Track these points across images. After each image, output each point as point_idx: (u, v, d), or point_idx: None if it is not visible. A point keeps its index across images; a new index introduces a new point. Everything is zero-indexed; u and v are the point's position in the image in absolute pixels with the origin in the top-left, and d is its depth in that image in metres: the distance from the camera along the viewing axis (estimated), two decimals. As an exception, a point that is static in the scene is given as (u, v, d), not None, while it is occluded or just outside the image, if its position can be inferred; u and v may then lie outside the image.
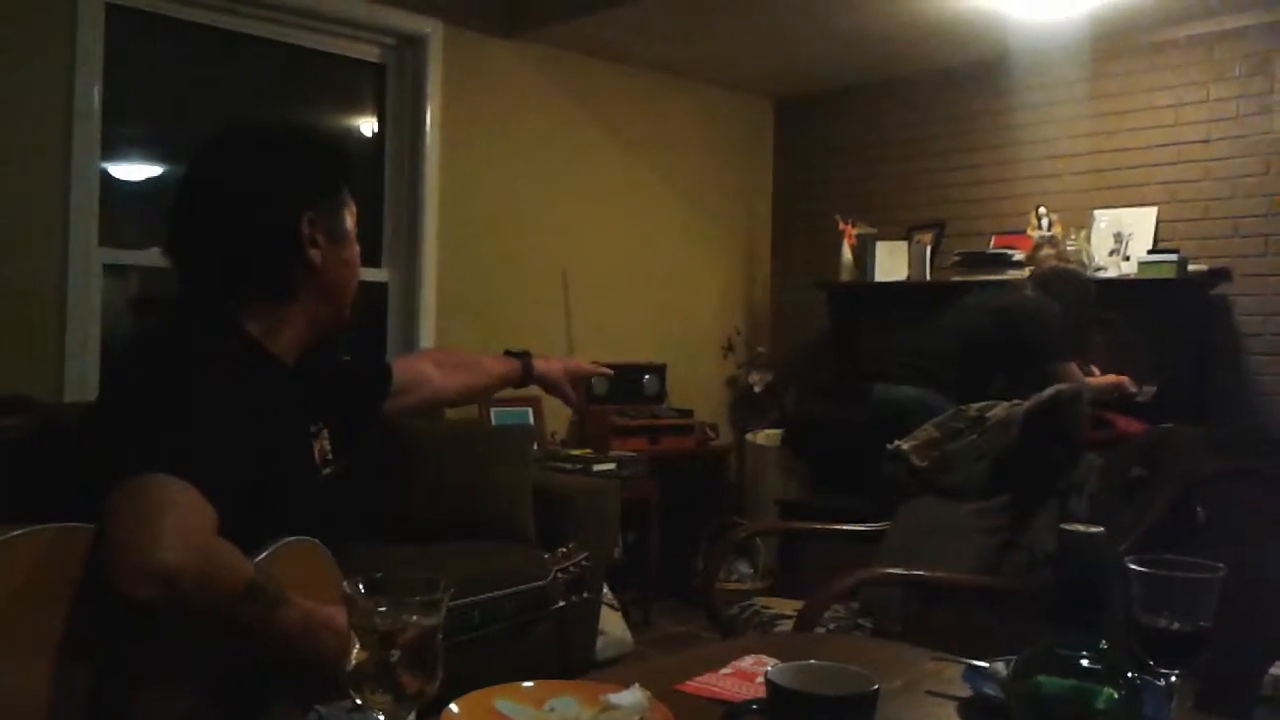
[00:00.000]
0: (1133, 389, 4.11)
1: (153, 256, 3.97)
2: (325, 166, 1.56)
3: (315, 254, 1.49)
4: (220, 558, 1.23)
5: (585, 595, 1.78)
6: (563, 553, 1.78)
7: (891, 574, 2.72)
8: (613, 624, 4.01)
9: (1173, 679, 1.14)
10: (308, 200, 1.49)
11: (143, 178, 4.09)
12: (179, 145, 4.15)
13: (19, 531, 1.21)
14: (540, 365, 2.06)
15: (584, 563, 1.78)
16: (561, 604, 1.74)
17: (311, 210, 1.49)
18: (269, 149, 1.53)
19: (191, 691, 1.30)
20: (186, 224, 1.50)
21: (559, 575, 1.74)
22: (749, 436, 5.44)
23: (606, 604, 3.97)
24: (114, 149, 3.84)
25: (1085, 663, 0.93)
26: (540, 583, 1.72)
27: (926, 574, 2.68)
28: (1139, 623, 1.13)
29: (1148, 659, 1.14)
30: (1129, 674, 0.93)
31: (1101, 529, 0.90)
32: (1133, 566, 1.13)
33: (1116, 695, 0.92)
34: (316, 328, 1.55)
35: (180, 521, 1.19)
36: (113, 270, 3.84)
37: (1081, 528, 0.91)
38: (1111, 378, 4.11)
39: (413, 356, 2.06)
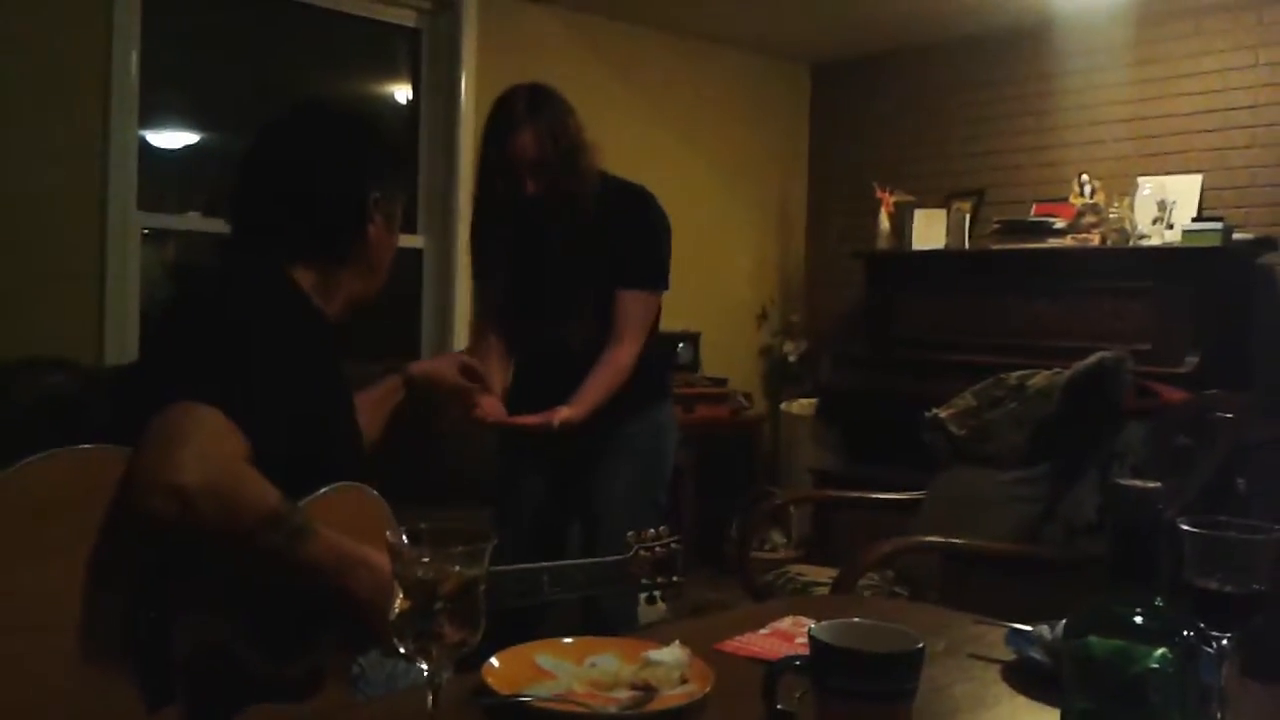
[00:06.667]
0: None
1: (190, 221, 4.00)
2: (396, 157, 1.70)
3: (372, 228, 1.60)
4: (241, 483, 1.25)
5: (675, 579, 1.70)
6: (651, 532, 1.71)
7: (930, 542, 2.71)
8: (646, 591, 4.01)
9: (1224, 642, 1.12)
10: (377, 180, 1.61)
11: (180, 144, 4.10)
12: (216, 111, 4.15)
13: (58, 450, 1.25)
14: (417, 366, 1.89)
15: (673, 545, 1.71)
16: (645, 583, 1.68)
17: (378, 190, 1.60)
18: (351, 125, 1.66)
19: (230, 625, 1.31)
20: (260, 178, 1.57)
21: (641, 553, 1.68)
22: (783, 406, 5.42)
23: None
24: (151, 115, 3.85)
25: (1139, 621, 0.91)
26: (620, 557, 1.67)
27: (964, 542, 2.66)
28: (1190, 585, 1.11)
29: (1198, 622, 1.12)
30: (1185, 632, 0.90)
31: (1158, 484, 0.88)
32: (1185, 527, 1.11)
33: (1170, 654, 0.90)
34: (352, 300, 1.62)
35: (202, 444, 1.22)
36: (150, 236, 3.87)
37: (1137, 483, 0.89)
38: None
39: None
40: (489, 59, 4.56)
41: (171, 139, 4.06)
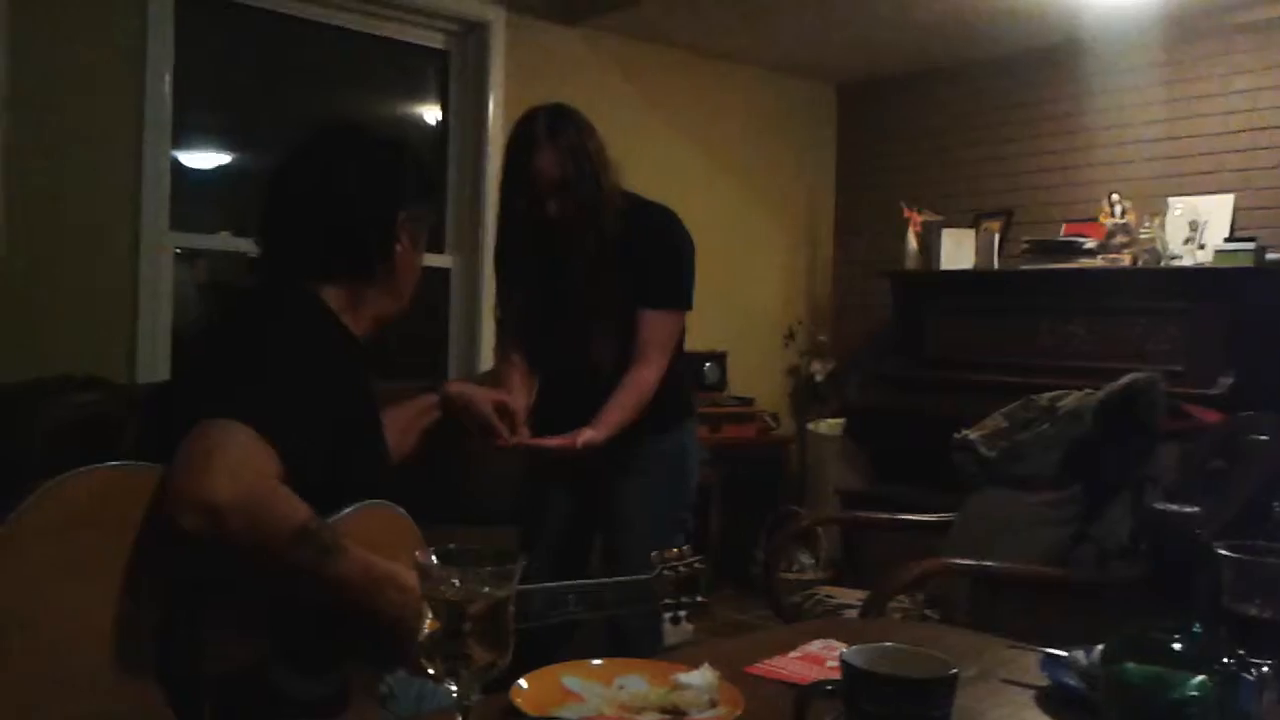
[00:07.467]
0: None
1: (222, 241, 4.04)
2: (424, 181, 1.70)
3: (399, 248, 1.61)
4: (271, 500, 1.26)
5: (699, 599, 1.71)
6: (674, 551, 1.71)
7: (961, 565, 2.68)
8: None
9: (1264, 669, 1.10)
10: (405, 201, 1.63)
11: (212, 165, 4.14)
12: (247, 132, 4.20)
13: (90, 468, 1.26)
14: (454, 386, 1.94)
15: (697, 565, 1.71)
16: (669, 602, 1.68)
17: (405, 211, 1.62)
18: (378, 146, 1.68)
19: (260, 643, 1.32)
20: (288, 199, 1.59)
21: (665, 572, 1.68)
22: (810, 425, 5.39)
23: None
24: (184, 136, 3.90)
25: (1177, 647, 0.89)
26: (644, 576, 1.67)
27: (996, 565, 2.63)
28: (1228, 610, 1.09)
29: (1237, 648, 1.10)
30: (1225, 660, 0.89)
31: (1196, 509, 0.87)
32: (1223, 552, 1.09)
33: (1209, 682, 0.89)
34: (378, 319, 1.63)
35: (234, 461, 1.23)
36: (182, 255, 3.91)
37: (1175, 507, 0.87)
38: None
39: None
40: (516, 80, 4.59)
41: (204, 160, 4.10)
